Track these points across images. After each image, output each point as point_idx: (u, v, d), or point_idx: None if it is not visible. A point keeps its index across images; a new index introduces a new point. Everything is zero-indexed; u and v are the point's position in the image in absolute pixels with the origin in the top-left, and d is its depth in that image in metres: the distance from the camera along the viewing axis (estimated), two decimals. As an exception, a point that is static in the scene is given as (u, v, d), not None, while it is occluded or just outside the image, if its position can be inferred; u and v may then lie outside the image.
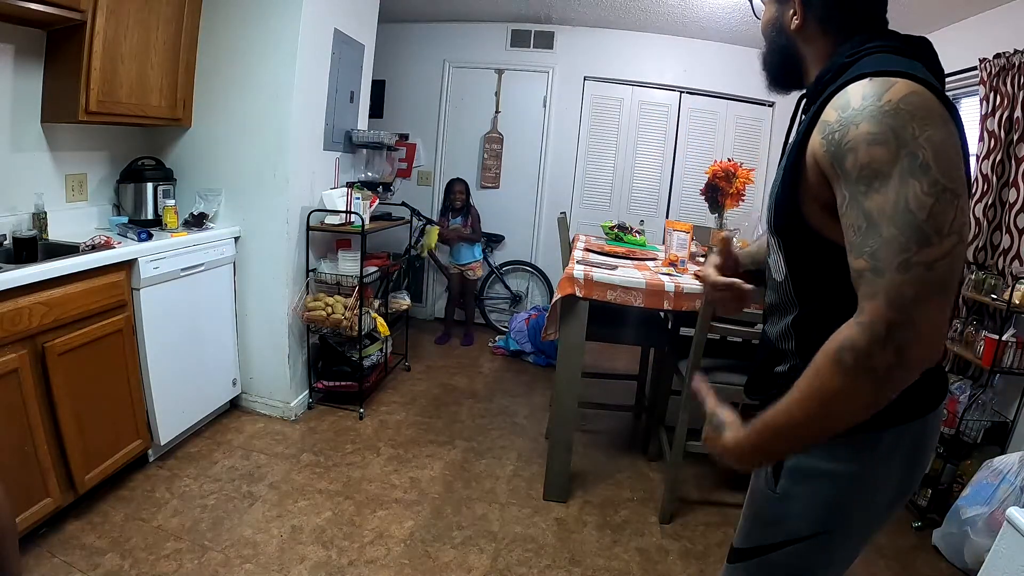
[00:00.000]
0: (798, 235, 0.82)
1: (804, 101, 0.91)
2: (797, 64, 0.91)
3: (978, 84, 2.62)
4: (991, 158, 2.49)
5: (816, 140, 0.74)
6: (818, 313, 0.83)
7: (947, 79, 2.98)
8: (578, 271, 2.09)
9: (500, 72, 4.32)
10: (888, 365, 0.65)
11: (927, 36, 0.81)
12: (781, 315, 0.91)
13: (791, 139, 0.84)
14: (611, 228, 3.11)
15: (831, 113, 0.72)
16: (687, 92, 4.23)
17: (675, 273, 2.25)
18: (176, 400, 2.29)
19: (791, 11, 0.88)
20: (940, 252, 0.64)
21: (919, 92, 0.68)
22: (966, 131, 0.73)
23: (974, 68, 2.66)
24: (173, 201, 2.43)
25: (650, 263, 2.48)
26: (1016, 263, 2.36)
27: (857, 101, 0.69)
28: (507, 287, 4.47)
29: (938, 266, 0.64)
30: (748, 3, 1.02)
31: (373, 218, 2.89)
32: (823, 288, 0.82)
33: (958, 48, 2.76)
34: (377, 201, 2.99)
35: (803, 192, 0.79)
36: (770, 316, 0.96)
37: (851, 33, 0.84)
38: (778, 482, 0.89)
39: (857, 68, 0.74)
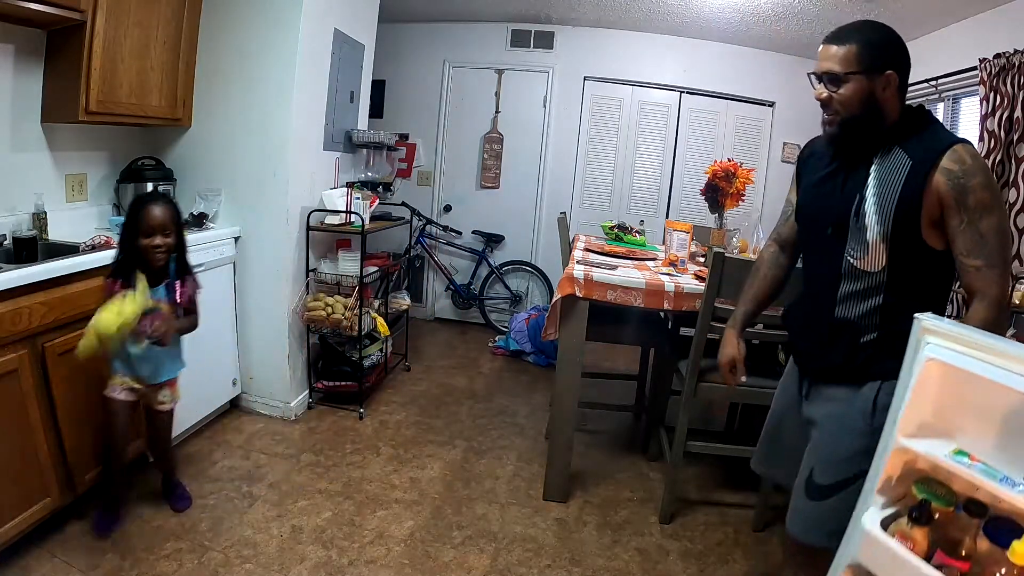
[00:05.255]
0: (908, 241, 1.14)
1: (859, 145, 1.22)
2: (881, 123, 1.17)
3: (978, 84, 2.62)
4: (991, 158, 2.49)
5: (941, 181, 1.09)
6: (903, 299, 1.16)
7: (947, 79, 2.99)
8: (578, 271, 2.09)
9: (500, 72, 4.32)
10: (1004, 321, 0.99)
11: (927, 36, 0.82)
12: (862, 299, 1.21)
13: (901, 176, 1.14)
14: (611, 228, 3.12)
15: (953, 165, 1.09)
16: (687, 92, 4.23)
17: (675, 273, 2.24)
18: (176, 400, 2.28)
19: (884, 84, 1.14)
20: (1012, 253, 1.03)
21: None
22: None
23: (974, 68, 2.66)
24: (173, 201, 2.43)
25: (650, 263, 2.48)
26: (1016, 263, 2.36)
27: (968, 159, 1.08)
28: (507, 287, 4.47)
29: (1012, 261, 1.02)
30: (808, 78, 1.24)
31: (373, 218, 2.89)
32: (912, 279, 1.17)
33: (958, 48, 2.76)
34: (377, 201, 2.99)
35: (923, 213, 1.12)
36: (845, 300, 1.23)
37: (903, 93, 1.18)
38: (874, 417, 1.14)
39: (940, 133, 1.16)
